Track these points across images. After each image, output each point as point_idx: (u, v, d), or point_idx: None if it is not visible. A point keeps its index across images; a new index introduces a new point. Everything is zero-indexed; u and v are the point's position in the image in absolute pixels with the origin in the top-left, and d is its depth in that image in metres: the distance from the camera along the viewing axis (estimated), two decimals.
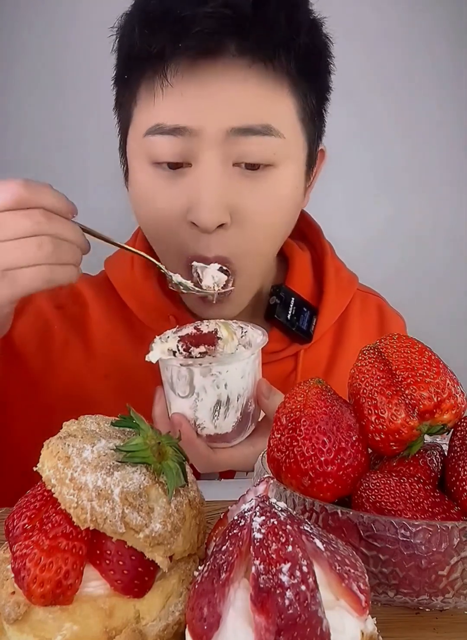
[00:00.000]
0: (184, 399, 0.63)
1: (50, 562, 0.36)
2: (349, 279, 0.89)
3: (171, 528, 0.38)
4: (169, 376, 0.63)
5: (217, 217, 0.66)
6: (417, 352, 0.46)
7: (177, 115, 0.65)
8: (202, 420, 0.63)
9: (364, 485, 0.44)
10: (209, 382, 0.62)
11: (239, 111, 0.65)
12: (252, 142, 0.66)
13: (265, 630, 0.29)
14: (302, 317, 0.82)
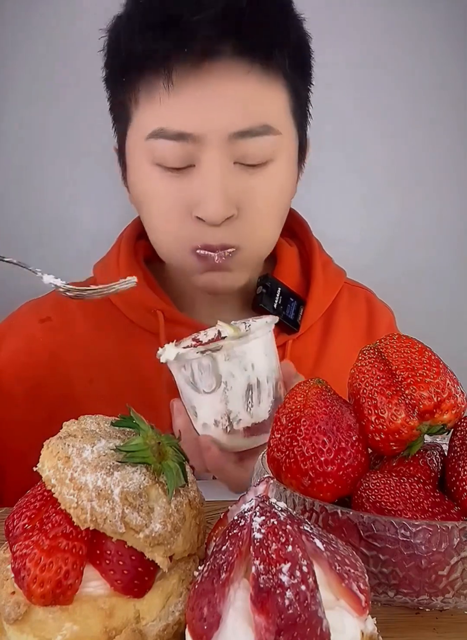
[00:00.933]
0: (211, 394, 0.59)
1: (50, 562, 0.36)
2: (337, 272, 0.91)
3: (171, 528, 0.38)
4: (189, 374, 0.60)
5: (224, 211, 0.68)
6: (417, 352, 0.46)
7: (181, 120, 0.67)
8: (237, 411, 0.60)
9: (364, 485, 0.44)
10: (236, 366, 0.59)
11: (239, 115, 0.67)
12: (252, 143, 0.68)
13: (265, 630, 0.29)
14: (289, 307, 0.83)
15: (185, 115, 0.67)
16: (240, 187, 0.69)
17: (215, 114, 0.67)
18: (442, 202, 1.24)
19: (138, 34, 0.66)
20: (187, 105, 0.67)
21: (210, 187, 0.68)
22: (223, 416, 0.60)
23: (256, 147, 0.69)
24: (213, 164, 0.68)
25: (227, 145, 0.67)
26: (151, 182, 0.72)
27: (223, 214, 0.68)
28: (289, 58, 0.69)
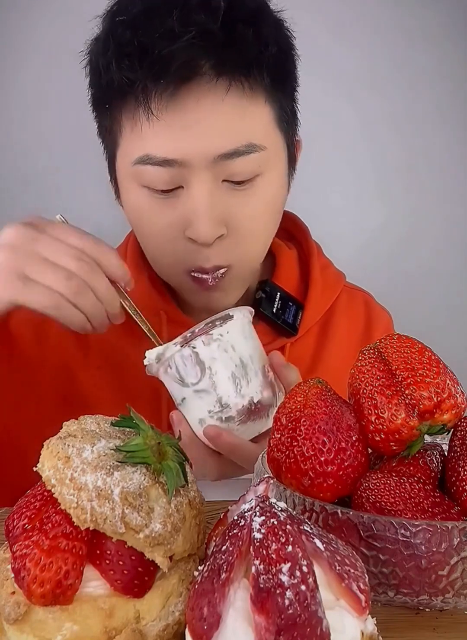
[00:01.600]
0: (199, 383, 0.59)
1: (50, 562, 0.36)
2: (336, 275, 0.91)
3: (171, 528, 0.38)
4: (175, 371, 0.60)
5: (214, 231, 0.69)
6: (417, 352, 0.46)
7: (165, 147, 0.67)
8: (227, 395, 0.59)
9: (364, 485, 0.44)
10: (216, 349, 0.59)
11: (222, 137, 0.67)
12: (239, 163, 0.68)
13: (265, 630, 0.29)
14: (287, 311, 0.83)
15: (169, 143, 0.67)
16: (229, 206, 0.70)
17: (199, 138, 0.66)
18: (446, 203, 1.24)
19: (115, 63, 0.66)
20: (170, 133, 0.67)
21: (199, 208, 0.68)
22: (215, 404, 0.60)
23: (242, 166, 0.69)
24: (201, 186, 0.68)
25: (214, 167, 0.68)
26: (141, 204, 0.72)
27: (213, 234, 0.69)
28: (269, 72, 0.68)
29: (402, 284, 1.23)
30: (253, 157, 0.69)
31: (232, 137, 0.67)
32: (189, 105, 0.66)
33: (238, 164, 0.68)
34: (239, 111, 0.68)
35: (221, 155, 0.67)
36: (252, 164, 0.69)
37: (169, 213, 0.70)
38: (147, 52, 0.63)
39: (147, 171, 0.68)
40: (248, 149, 0.68)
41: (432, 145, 1.22)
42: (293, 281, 0.88)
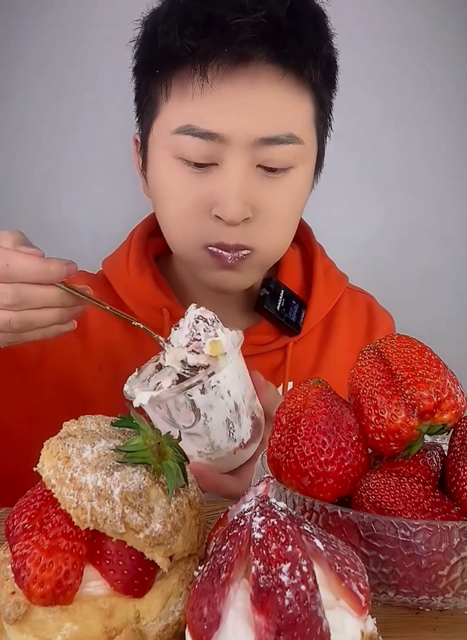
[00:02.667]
0: (192, 428, 0.58)
1: (50, 562, 0.36)
2: (339, 277, 0.92)
3: (171, 528, 0.38)
4: (165, 412, 0.58)
5: (242, 212, 0.70)
6: (417, 352, 0.46)
7: (210, 119, 0.68)
8: (219, 440, 0.59)
9: (364, 485, 0.44)
10: (213, 397, 0.58)
11: (267, 121, 0.69)
12: (276, 150, 0.70)
13: (265, 630, 0.29)
14: (291, 309, 0.84)
15: (216, 115, 0.68)
16: (259, 191, 0.71)
17: (245, 117, 0.68)
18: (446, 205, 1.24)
19: (178, 30, 0.67)
20: (219, 106, 0.68)
21: (231, 187, 0.69)
22: (206, 447, 0.60)
23: (280, 154, 0.70)
24: (236, 165, 0.69)
25: (252, 149, 0.69)
26: (172, 175, 0.72)
27: (241, 214, 0.70)
28: (321, 71, 0.70)
29: (402, 286, 1.23)
30: (291, 148, 0.70)
31: (276, 124, 0.69)
32: (244, 83, 0.68)
33: (276, 152, 0.70)
34: (288, 101, 0.70)
35: (262, 139, 0.68)
36: (288, 154, 0.71)
37: (199, 188, 0.71)
38: (214, 22, 0.65)
39: (186, 141, 0.69)
40: (288, 139, 0.70)
41: (433, 146, 1.22)
42: (297, 281, 0.89)
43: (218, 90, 0.67)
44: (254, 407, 0.63)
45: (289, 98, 0.70)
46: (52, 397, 0.80)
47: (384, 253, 1.24)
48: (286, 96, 0.70)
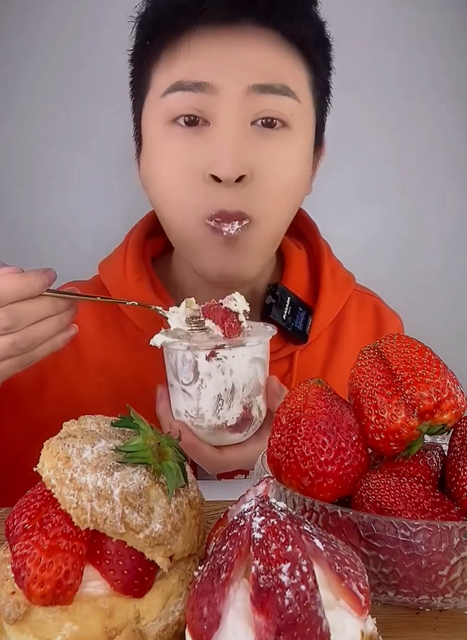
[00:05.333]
0: (188, 386, 0.61)
1: (50, 562, 0.36)
2: (346, 278, 0.89)
3: (171, 528, 0.38)
4: (173, 362, 0.62)
5: (238, 168, 0.68)
6: (417, 352, 0.46)
7: (198, 71, 0.67)
8: (205, 410, 0.61)
9: (364, 485, 0.44)
10: (214, 367, 0.59)
11: (259, 70, 0.68)
12: (271, 100, 0.68)
13: (265, 630, 0.29)
14: (297, 318, 0.82)
15: (204, 66, 0.67)
16: (255, 148, 0.69)
17: (235, 66, 0.67)
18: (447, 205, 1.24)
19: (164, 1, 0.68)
20: (207, 56, 0.67)
21: (225, 143, 0.67)
22: (192, 410, 0.62)
23: (275, 105, 0.69)
24: (229, 120, 0.68)
25: (245, 100, 0.67)
26: (166, 143, 0.71)
27: (237, 171, 0.67)
28: (309, 32, 0.70)
29: (403, 286, 1.23)
30: (286, 100, 0.69)
31: (268, 72, 0.68)
32: (232, 37, 0.67)
33: (271, 101, 0.68)
34: (280, 56, 0.69)
35: (255, 86, 0.67)
36: (284, 106, 0.69)
37: (193, 150, 0.69)
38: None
39: (176, 99, 0.68)
40: (283, 89, 0.69)
41: (433, 147, 1.22)
42: (303, 284, 0.86)
43: (206, 43, 0.67)
44: (253, 403, 0.64)
45: (281, 53, 0.69)
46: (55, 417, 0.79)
47: (383, 254, 1.24)
48: (277, 50, 0.69)
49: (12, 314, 0.56)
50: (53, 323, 0.60)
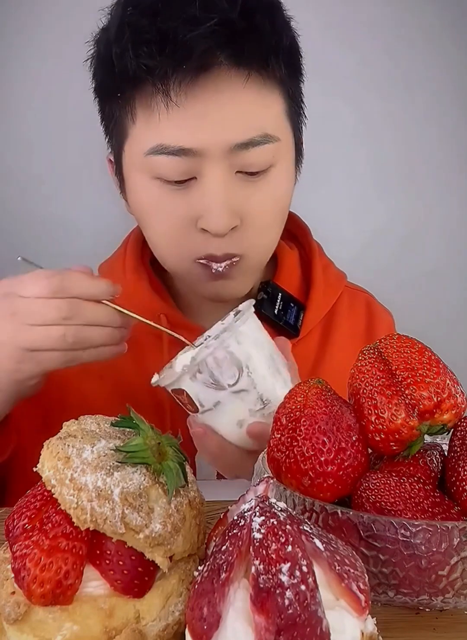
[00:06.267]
0: (238, 384, 0.56)
1: (50, 562, 0.36)
2: (337, 276, 0.91)
3: (171, 528, 0.38)
4: (208, 375, 0.56)
5: (228, 222, 0.69)
6: (417, 352, 0.46)
7: (181, 136, 0.67)
8: (267, 390, 0.58)
9: (364, 485, 0.44)
10: (249, 345, 0.57)
11: (239, 126, 0.68)
12: (254, 153, 0.69)
13: (265, 630, 0.29)
14: (289, 312, 0.83)
15: (186, 131, 0.67)
16: (242, 197, 0.70)
17: (216, 128, 0.67)
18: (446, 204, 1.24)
19: (131, 50, 0.65)
20: (187, 121, 0.66)
21: (213, 200, 0.68)
22: (256, 402, 0.58)
23: (257, 156, 0.69)
24: (215, 177, 0.68)
25: (229, 157, 0.68)
26: (152, 196, 0.71)
27: (227, 225, 0.69)
28: (284, 63, 0.69)
29: (403, 285, 1.23)
30: (267, 147, 0.69)
31: (248, 127, 0.68)
32: (208, 93, 0.66)
33: (253, 154, 0.69)
34: (256, 101, 0.68)
35: (237, 145, 0.67)
36: (266, 154, 0.70)
37: (181, 204, 0.70)
38: (168, 39, 0.63)
39: (160, 161, 0.68)
40: (263, 139, 0.69)
41: (434, 144, 1.22)
42: (295, 282, 0.88)
43: (184, 106, 0.66)
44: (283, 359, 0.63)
45: (258, 99, 0.69)
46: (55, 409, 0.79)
47: (385, 252, 1.24)
48: (254, 97, 0.68)
49: (73, 306, 0.58)
50: (106, 332, 0.61)
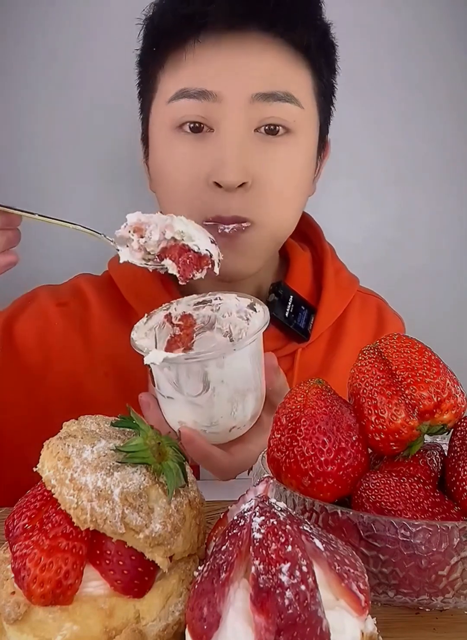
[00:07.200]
0: (197, 398, 0.56)
1: (50, 562, 0.36)
2: (350, 279, 0.90)
3: (171, 528, 0.38)
4: (174, 376, 0.56)
5: (239, 176, 0.69)
6: (417, 352, 0.46)
7: (203, 79, 0.69)
8: (220, 416, 0.58)
9: (364, 485, 0.44)
10: (227, 373, 0.56)
11: (262, 78, 0.69)
12: (274, 107, 0.70)
13: (265, 630, 0.29)
14: (300, 316, 0.82)
15: (209, 74, 0.69)
16: (257, 156, 0.70)
17: (239, 74, 0.69)
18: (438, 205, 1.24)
19: (169, 7, 0.70)
20: (212, 65, 0.69)
21: (228, 150, 0.69)
22: (206, 420, 0.58)
23: (278, 111, 0.70)
24: (232, 127, 0.69)
25: (249, 108, 0.69)
26: (171, 148, 0.73)
27: (239, 178, 0.69)
28: (313, 38, 0.71)
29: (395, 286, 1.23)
30: (289, 107, 0.70)
31: (272, 80, 0.70)
32: (236, 45, 0.69)
33: (274, 108, 0.70)
34: (282, 63, 0.70)
35: (259, 95, 0.69)
36: (287, 113, 0.71)
37: (196, 156, 0.71)
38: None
39: (181, 105, 0.70)
40: (286, 97, 0.70)
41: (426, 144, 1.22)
42: (306, 284, 0.87)
43: (211, 51, 0.69)
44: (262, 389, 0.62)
45: (284, 60, 0.71)
46: (59, 403, 0.79)
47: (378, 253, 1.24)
48: (280, 58, 0.70)
49: None
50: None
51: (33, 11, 1.11)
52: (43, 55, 1.13)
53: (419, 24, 1.19)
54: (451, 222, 1.25)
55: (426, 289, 1.26)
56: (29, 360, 0.80)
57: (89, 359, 0.82)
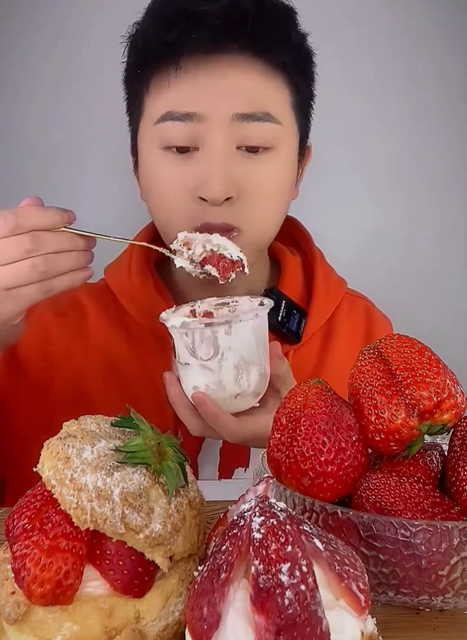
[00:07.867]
0: (208, 361, 0.65)
1: (50, 562, 0.36)
2: (338, 282, 0.93)
3: (171, 528, 0.38)
4: (190, 341, 0.65)
5: (225, 190, 0.72)
6: (417, 352, 0.46)
7: (188, 102, 0.72)
8: (227, 380, 0.65)
9: (364, 485, 0.44)
10: (234, 340, 0.64)
11: (242, 99, 0.72)
12: (254, 127, 0.73)
13: (265, 630, 0.29)
14: (292, 319, 0.86)
15: (192, 97, 0.72)
16: (241, 171, 0.73)
17: (220, 96, 0.71)
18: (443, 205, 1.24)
19: (152, 28, 0.72)
20: (194, 88, 0.72)
21: (213, 167, 0.71)
22: (214, 383, 0.65)
23: (258, 131, 0.73)
24: (216, 145, 0.72)
25: (230, 127, 0.71)
26: (159, 166, 0.75)
27: (224, 193, 0.71)
28: (290, 55, 0.73)
29: (399, 286, 1.23)
30: (268, 126, 0.73)
31: (251, 102, 0.72)
32: (215, 69, 0.72)
33: (254, 129, 0.73)
34: (261, 84, 0.73)
35: (239, 115, 0.71)
36: (266, 132, 0.73)
37: (183, 172, 0.74)
38: (182, 13, 0.70)
39: (168, 127, 0.73)
40: (265, 117, 0.73)
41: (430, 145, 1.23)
42: (297, 288, 0.90)
43: (193, 75, 0.71)
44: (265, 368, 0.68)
45: (262, 81, 0.73)
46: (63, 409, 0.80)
47: (381, 254, 1.25)
48: (259, 78, 0.73)
49: (33, 238, 0.59)
50: (73, 256, 0.63)
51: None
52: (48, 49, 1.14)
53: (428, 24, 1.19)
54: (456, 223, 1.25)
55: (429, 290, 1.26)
56: (32, 370, 0.82)
57: (88, 366, 0.83)
